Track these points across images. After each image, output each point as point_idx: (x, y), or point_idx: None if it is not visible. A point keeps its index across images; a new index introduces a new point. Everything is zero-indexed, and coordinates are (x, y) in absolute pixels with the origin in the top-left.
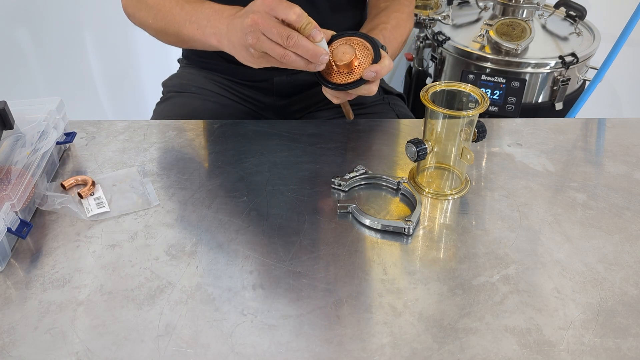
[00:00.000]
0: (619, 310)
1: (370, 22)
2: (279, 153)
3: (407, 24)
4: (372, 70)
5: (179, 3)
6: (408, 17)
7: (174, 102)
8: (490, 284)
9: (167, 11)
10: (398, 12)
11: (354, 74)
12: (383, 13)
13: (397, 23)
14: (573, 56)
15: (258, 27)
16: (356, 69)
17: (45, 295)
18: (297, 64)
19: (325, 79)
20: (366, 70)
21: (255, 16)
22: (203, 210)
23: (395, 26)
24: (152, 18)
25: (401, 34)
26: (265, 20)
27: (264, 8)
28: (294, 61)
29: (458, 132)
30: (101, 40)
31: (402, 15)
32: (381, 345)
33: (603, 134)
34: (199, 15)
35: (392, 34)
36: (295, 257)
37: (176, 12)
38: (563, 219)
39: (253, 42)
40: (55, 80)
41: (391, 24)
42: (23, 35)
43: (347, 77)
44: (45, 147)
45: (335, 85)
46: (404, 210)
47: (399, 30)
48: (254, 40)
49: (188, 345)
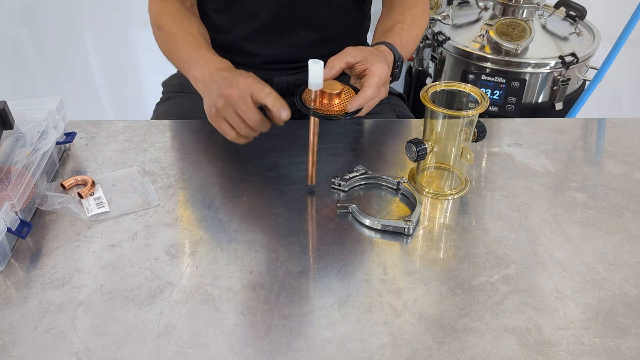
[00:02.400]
0: (618, 310)
1: (385, 21)
2: (279, 153)
3: (422, 20)
4: (355, 105)
5: (181, 44)
6: (423, 12)
7: (174, 102)
8: (490, 284)
9: (171, 48)
10: (413, 9)
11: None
12: (398, 10)
13: (413, 21)
14: (573, 56)
15: (231, 100)
16: (342, 101)
17: (45, 295)
18: (247, 136)
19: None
20: (349, 103)
21: (232, 90)
22: (203, 210)
23: (411, 25)
24: (163, 49)
25: (417, 32)
26: (240, 98)
27: (243, 86)
28: (247, 134)
29: (458, 132)
30: (101, 40)
31: (417, 11)
32: (381, 345)
33: (603, 134)
34: (190, 60)
35: (408, 34)
36: (295, 257)
37: (176, 51)
38: (563, 219)
39: (220, 106)
40: (55, 80)
41: (407, 24)
42: (23, 35)
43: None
44: (45, 147)
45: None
46: (404, 210)
47: (414, 29)
48: (222, 105)
49: (188, 345)
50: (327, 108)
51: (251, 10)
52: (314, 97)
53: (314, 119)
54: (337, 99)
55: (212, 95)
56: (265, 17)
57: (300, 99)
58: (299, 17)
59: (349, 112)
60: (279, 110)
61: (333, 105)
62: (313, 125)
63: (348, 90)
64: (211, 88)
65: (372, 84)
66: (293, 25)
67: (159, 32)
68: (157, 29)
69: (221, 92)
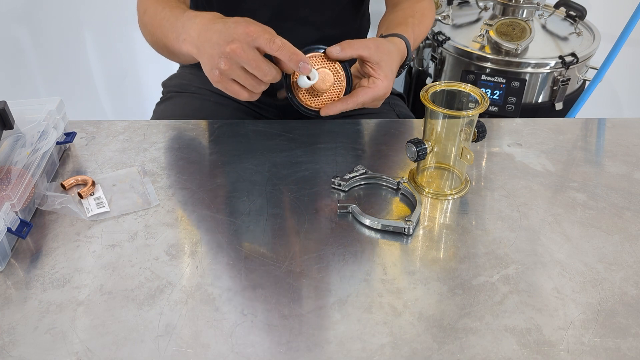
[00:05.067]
0: (619, 310)
1: (393, 14)
2: (279, 153)
3: (430, 12)
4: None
5: (165, 16)
6: (429, 6)
7: (174, 102)
8: (490, 284)
9: (157, 25)
10: (420, 2)
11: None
12: (406, 4)
13: (422, 14)
14: (573, 56)
15: (236, 57)
16: (333, 94)
17: (45, 295)
18: (262, 90)
19: (300, 101)
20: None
21: (235, 46)
22: (203, 210)
23: (421, 19)
24: (149, 35)
25: (427, 25)
26: (246, 52)
27: (245, 38)
28: (261, 90)
29: (458, 132)
30: (101, 40)
31: (425, 4)
32: (381, 345)
33: (603, 134)
34: (177, 25)
35: (419, 28)
36: (295, 257)
37: (162, 25)
38: (563, 219)
39: (224, 67)
40: (55, 80)
41: (417, 17)
42: (23, 35)
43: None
44: (45, 147)
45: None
46: (404, 210)
47: (424, 22)
48: (226, 66)
49: (188, 345)
50: (307, 101)
51: (251, 9)
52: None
53: None
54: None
55: (211, 56)
56: (264, 16)
57: (286, 79)
58: (299, 16)
59: (322, 114)
60: (298, 65)
61: (317, 99)
62: None
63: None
64: (206, 47)
65: (359, 100)
66: (293, 24)
67: (145, 17)
68: (143, 14)
69: (221, 50)
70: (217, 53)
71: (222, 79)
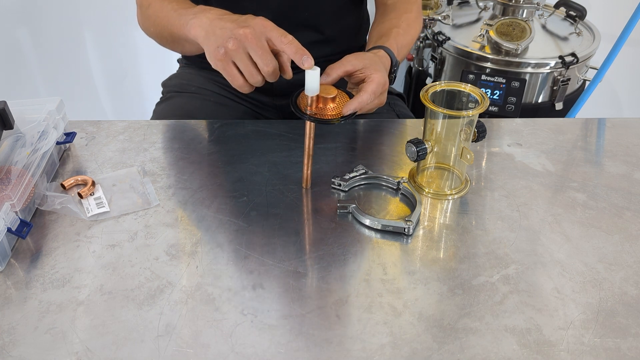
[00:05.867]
0: (619, 310)
1: (380, 25)
2: (279, 153)
3: (416, 24)
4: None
5: (173, 8)
6: (417, 16)
7: (174, 102)
8: (490, 284)
9: (163, 16)
10: (408, 13)
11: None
12: (393, 14)
13: (408, 25)
14: (573, 56)
15: (246, 41)
16: (337, 105)
17: (45, 295)
18: (256, 84)
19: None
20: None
21: (248, 31)
22: (203, 210)
23: (406, 29)
24: (153, 26)
25: (412, 36)
26: (256, 39)
27: (259, 28)
28: (256, 82)
29: (458, 132)
30: (101, 40)
31: (412, 15)
32: (381, 345)
33: (603, 134)
34: (188, 13)
35: (404, 38)
36: (295, 257)
37: (170, 15)
38: (563, 219)
39: (232, 47)
40: (55, 80)
41: (403, 28)
42: (23, 35)
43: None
44: (45, 147)
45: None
46: (404, 210)
47: (410, 33)
48: (234, 47)
49: (188, 345)
50: (322, 112)
51: (251, 11)
52: (310, 102)
53: (310, 124)
54: (332, 103)
55: (220, 37)
56: None
57: (295, 103)
58: (299, 18)
59: (345, 115)
60: (302, 58)
61: (328, 110)
62: (309, 130)
63: (342, 95)
64: (216, 30)
65: (369, 90)
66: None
67: (149, 10)
68: (147, 7)
69: (234, 32)
70: (228, 34)
71: (225, 58)
